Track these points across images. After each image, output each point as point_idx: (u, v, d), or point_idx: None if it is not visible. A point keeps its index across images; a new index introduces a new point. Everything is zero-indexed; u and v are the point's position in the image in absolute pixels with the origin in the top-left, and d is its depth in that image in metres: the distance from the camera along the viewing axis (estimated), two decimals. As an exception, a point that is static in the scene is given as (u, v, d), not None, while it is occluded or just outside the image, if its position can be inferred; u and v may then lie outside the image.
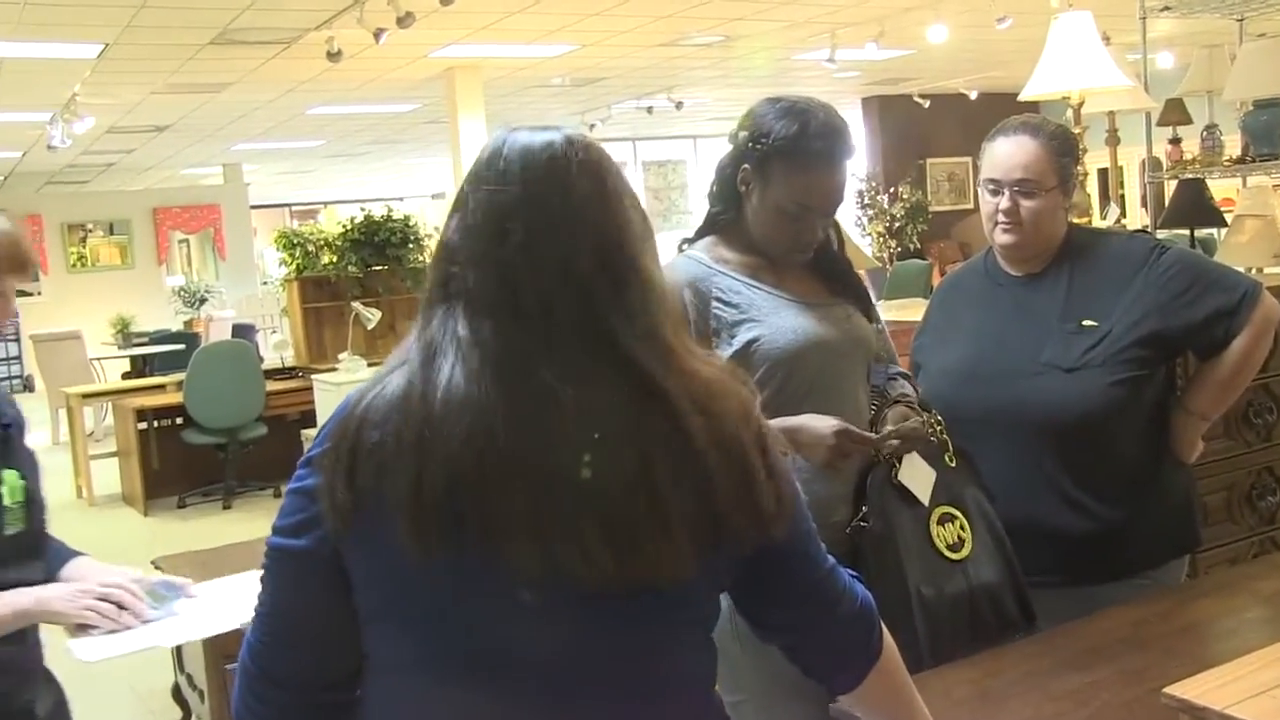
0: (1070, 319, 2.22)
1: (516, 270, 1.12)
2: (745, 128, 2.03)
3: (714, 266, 2.06)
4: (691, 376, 1.15)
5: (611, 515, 1.08)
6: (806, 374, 2.02)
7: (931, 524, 2.03)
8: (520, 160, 1.16)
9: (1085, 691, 1.73)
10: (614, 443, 1.09)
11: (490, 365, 1.10)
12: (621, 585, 1.10)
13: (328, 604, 1.16)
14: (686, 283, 2.02)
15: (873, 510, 2.01)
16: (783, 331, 2.01)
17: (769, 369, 1.99)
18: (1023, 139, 2.24)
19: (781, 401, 1.99)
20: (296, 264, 8.87)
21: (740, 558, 1.20)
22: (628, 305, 1.14)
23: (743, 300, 2.03)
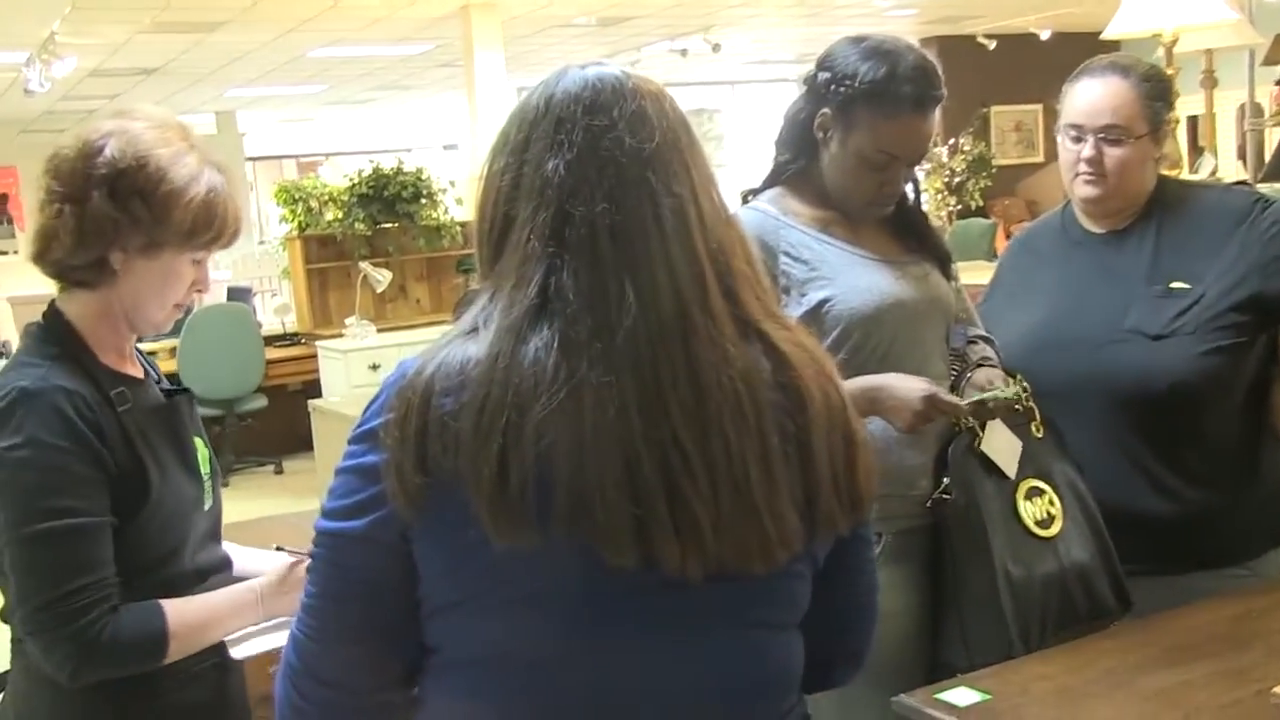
0: (1158, 280, 2.21)
1: (669, 217, 1.13)
2: (825, 69, 2.04)
3: (782, 219, 2.07)
4: (789, 342, 1.17)
5: (719, 496, 1.09)
6: (882, 336, 2.02)
7: (1018, 498, 2.04)
8: (650, 104, 1.17)
9: (1177, 692, 1.72)
10: (728, 416, 1.10)
11: (628, 330, 1.10)
12: (730, 569, 1.11)
13: (388, 595, 1.15)
14: (753, 236, 2.01)
15: (955, 481, 2.02)
16: (857, 291, 2.02)
17: (842, 331, 2.01)
18: (1111, 80, 2.21)
19: (856, 366, 2.00)
20: (298, 221, 8.90)
21: (836, 539, 1.22)
22: (744, 261, 1.18)
23: (813, 256, 2.04)
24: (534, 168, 1.15)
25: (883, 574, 1.99)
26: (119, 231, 1.68)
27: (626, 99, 1.16)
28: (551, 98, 1.17)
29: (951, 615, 2.02)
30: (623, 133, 1.14)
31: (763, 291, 1.19)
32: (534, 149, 1.15)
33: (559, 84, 1.18)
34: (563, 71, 1.19)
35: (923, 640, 2.06)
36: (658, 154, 1.15)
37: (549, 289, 1.11)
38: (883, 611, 2.00)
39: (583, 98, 1.16)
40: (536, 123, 1.17)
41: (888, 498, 2.03)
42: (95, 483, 1.63)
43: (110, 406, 1.68)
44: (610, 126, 1.14)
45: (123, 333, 1.78)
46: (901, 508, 2.05)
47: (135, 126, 1.71)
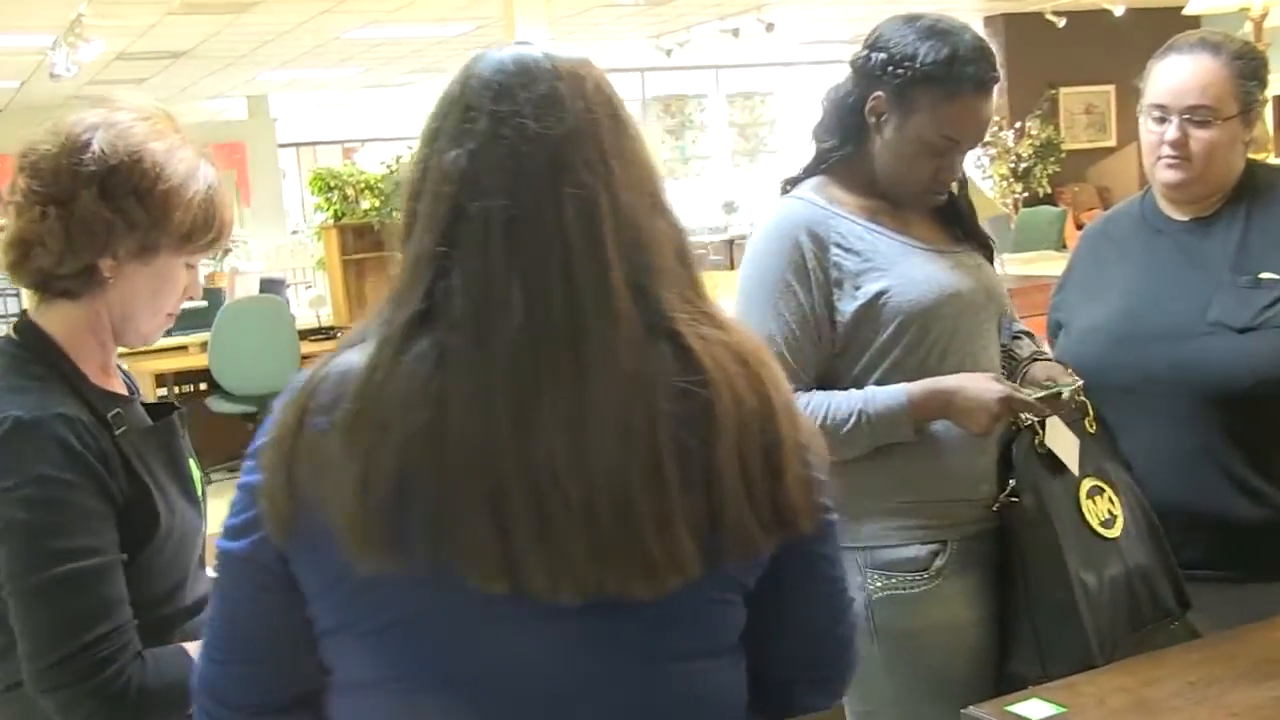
0: (1245, 271, 2.18)
1: (571, 209, 1.09)
2: (879, 49, 2.03)
3: (830, 209, 2.06)
4: (721, 344, 1.12)
5: (596, 516, 1.06)
6: (942, 329, 2.02)
7: (1082, 498, 2.03)
8: (566, 84, 1.13)
9: (1269, 708, 1.71)
10: (614, 429, 1.06)
11: (508, 335, 1.07)
12: (611, 594, 1.07)
13: (278, 616, 1.16)
14: (803, 227, 2.03)
15: (1023, 484, 2.01)
16: (914, 282, 2.01)
17: (900, 324, 2.00)
18: (1199, 57, 2.19)
19: (916, 361, 2.00)
20: (334, 209, 8.96)
21: (763, 557, 1.17)
22: (673, 257, 1.14)
23: (866, 247, 2.03)
24: (438, 160, 1.12)
25: (949, 585, 2.01)
26: (112, 235, 1.58)
27: (538, 81, 1.12)
28: (465, 83, 1.14)
29: (1025, 625, 2.01)
30: (527, 118, 1.10)
31: (694, 291, 1.15)
32: (441, 139, 1.13)
33: (474, 67, 1.15)
34: (482, 54, 1.16)
35: (992, 650, 2.05)
36: (567, 140, 1.11)
37: (435, 293, 1.09)
38: (951, 624, 2.01)
39: (492, 82, 1.13)
40: (448, 112, 1.14)
41: (951, 503, 2.04)
42: (105, 517, 1.56)
43: (108, 430, 1.60)
44: (515, 112, 1.10)
45: (109, 347, 1.69)
46: (966, 513, 2.04)
47: (123, 118, 1.61)
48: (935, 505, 2.03)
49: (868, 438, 1.99)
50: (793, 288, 2.00)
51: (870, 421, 1.97)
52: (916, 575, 2.02)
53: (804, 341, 2.00)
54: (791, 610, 1.23)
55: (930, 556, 2.02)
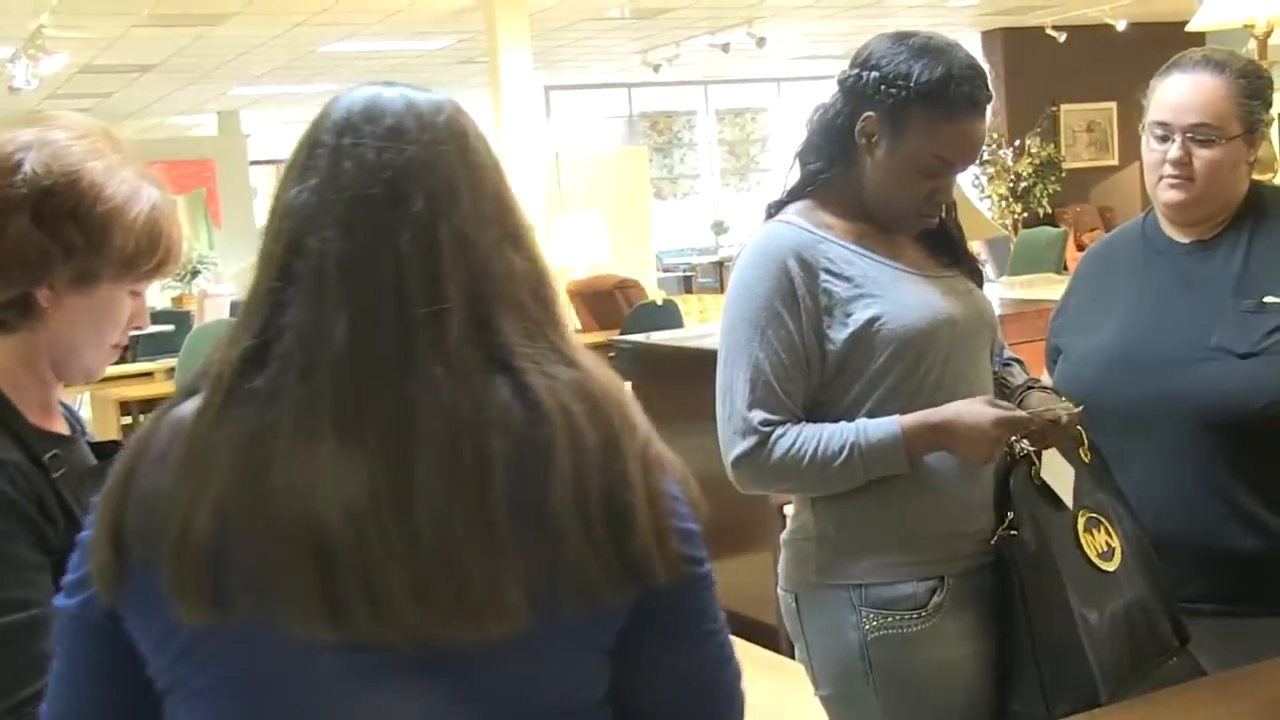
0: (1248, 295, 2.19)
1: (409, 245, 1.09)
2: (869, 68, 2.03)
3: (818, 233, 2.07)
4: (570, 383, 1.12)
5: (419, 558, 1.05)
6: (936, 357, 2.03)
7: (1079, 530, 2.04)
8: (413, 117, 1.14)
9: (1280, 750, 1.70)
10: (438, 469, 1.06)
11: (331, 370, 1.07)
12: (437, 640, 1.06)
13: (112, 676, 1.15)
14: (791, 252, 2.03)
15: (1021, 517, 2.01)
16: (908, 308, 2.02)
17: (894, 351, 2.01)
18: (1202, 75, 2.21)
19: (910, 389, 2.00)
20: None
21: (616, 608, 1.13)
22: (526, 294, 1.13)
23: (856, 272, 2.04)
24: (282, 197, 1.14)
25: (947, 623, 2.01)
26: (48, 262, 1.52)
27: (385, 115, 1.14)
28: (318, 121, 1.16)
29: (1027, 663, 2.00)
30: (367, 150, 1.12)
31: (550, 328, 1.15)
32: (288, 177, 1.14)
33: (329, 106, 1.17)
34: (341, 94, 1.18)
35: (992, 689, 2.05)
36: (408, 170, 1.12)
37: (269, 331, 1.10)
38: (950, 663, 2.01)
39: (340, 118, 1.15)
40: (298, 150, 1.16)
41: (948, 537, 2.04)
42: (39, 567, 1.50)
43: (44, 473, 1.54)
44: (356, 145, 1.12)
45: (49, 383, 1.62)
46: (963, 547, 2.04)
47: (58, 136, 1.55)
48: (931, 539, 2.03)
49: (861, 472, 1.99)
50: (781, 315, 2.01)
51: (863, 455, 1.98)
52: (914, 613, 2.01)
53: (793, 371, 2.01)
54: (659, 668, 1.20)
55: (928, 594, 2.01)
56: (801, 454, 1.98)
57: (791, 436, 1.99)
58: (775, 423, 2.00)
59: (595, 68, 15.18)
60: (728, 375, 2.05)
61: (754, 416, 2.00)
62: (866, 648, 2.02)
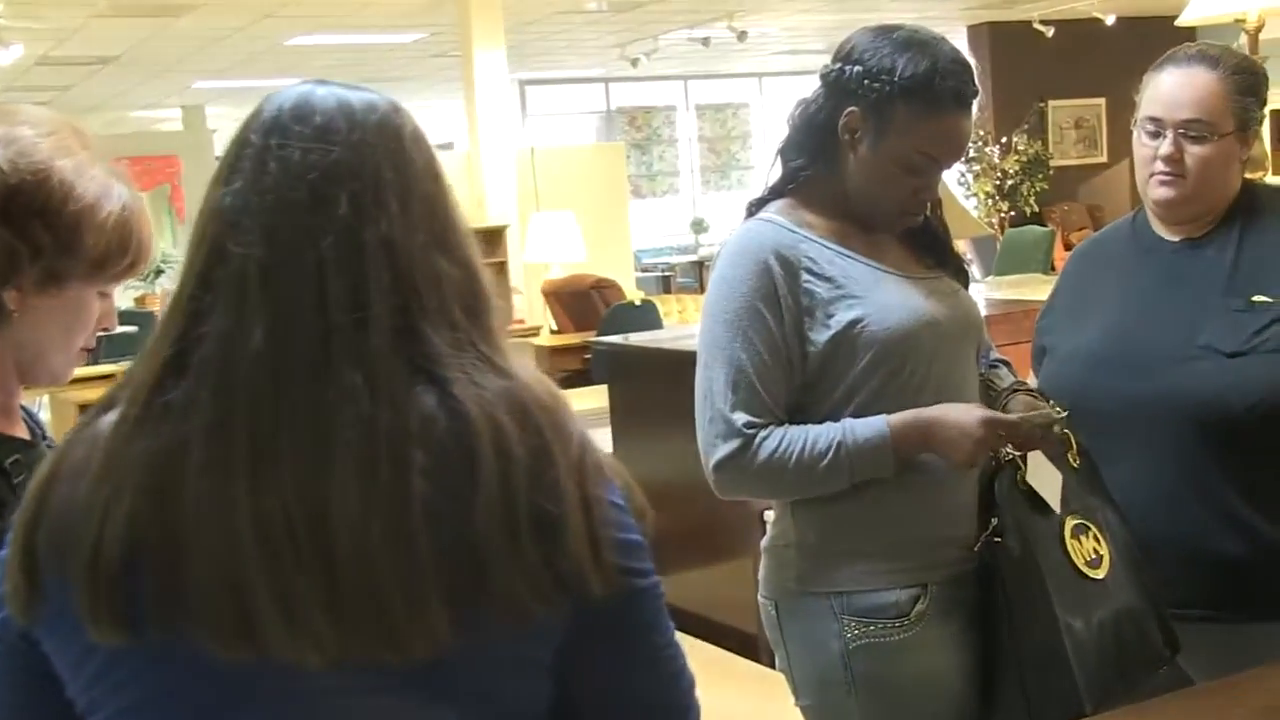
0: (1237, 294, 2.20)
1: (332, 250, 1.08)
2: (852, 62, 2.03)
3: (799, 232, 2.06)
4: (500, 392, 1.11)
5: (337, 574, 1.04)
6: (920, 360, 2.03)
7: (1066, 537, 2.04)
8: (343, 116, 1.13)
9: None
10: (355, 482, 1.05)
11: (247, 380, 1.06)
12: (357, 660, 1.05)
13: (30, 698, 1.14)
14: (771, 250, 2.03)
15: (1006, 523, 2.01)
16: (890, 309, 2.02)
17: (876, 354, 2.00)
18: (1196, 71, 2.22)
19: (893, 392, 2.00)
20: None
21: (549, 624, 1.12)
22: (455, 303, 1.12)
23: (838, 273, 2.04)
24: (208, 201, 1.13)
25: (931, 632, 2.01)
26: (15, 263, 1.49)
27: (315, 114, 1.13)
28: (248, 122, 1.15)
29: (1010, 674, 2.01)
30: (293, 151, 1.10)
31: (482, 337, 1.14)
32: (217, 178, 1.14)
33: (261, 105, 1.16)
34: (273, 93, 1.16)
35: (976, 698, 2.06)
36: (333, 171, 1.10)
37: (187, 341, 1.09)
38: (934, 672, 2.02)
39: (268, 118, 1.13)
40: (227, 152, 1.15)
41: (932, 544, 2.05)
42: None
43: (6, 479, 1.52)
44: (283, 145, 1.11)
45: (12, 388, 1.60)
46: (947, 554, 2.05)
47: (25, 133, 1.52)
48: (915, 546, 2.03)
49: (847, 473, 1.98)
50: (763, 315, 2.00)
51: (850, 454, 1.97)
52: (896, 622, 2.01)
53: (776, 371, 2.00)
54: (605, 686, 1.19)
55: (911, 601, 2.01)
56: (788, 455, 1.97)
57: (776, 438, 1.98)
58: (759, 425, 1.99)
59: (571, 62, 15.18)
60: (708, 377, 2.03)
61: (737, 419, 1.99)
62: (848, 657, 2.02)
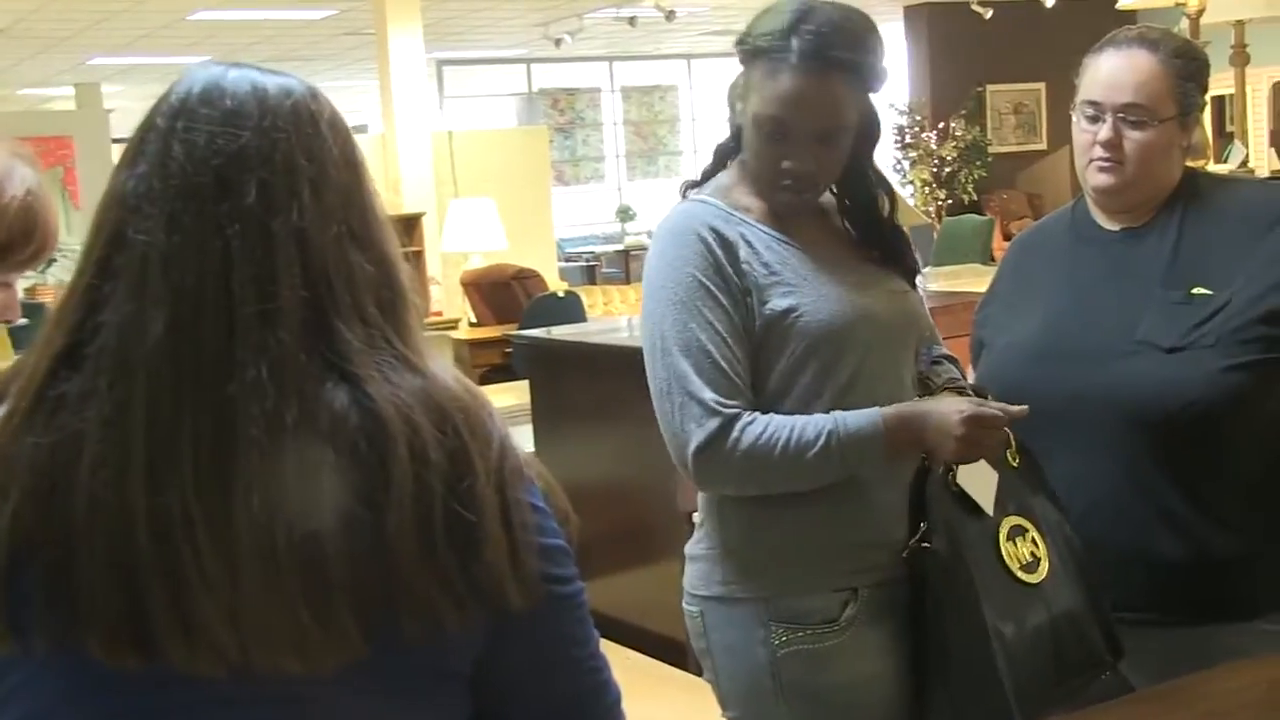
0: (1177, 285, 2.22)
1: (239, 239, 1.07)
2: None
3: (735, 214, 2.06)
4: (416, 392, 1.10)
5: (239, 579, 1.03)
6: (853, 355, 2.03)
7: (1001, 540, 2.05)
8: (255, 101, 1.12)
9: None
10: (260, 481, 1.04)
11: (146, 372, 1.05)
12: (260, 669, 1.04)
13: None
14: (708, 226, 2.02)
15: (935, 526, 2.02)
16: (826, 301, 2.02)
17: (809, 346, 2.01)
18: (1136, 54, 2.24)
19: (822, 387, 2.01)
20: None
21: (467, 633, 1.12)
22: (369, 298, 1.12)
23: (775, 258, 2.04)
24: (110, 185, 1.12)
25: (860, 637, 2.01)
26: None
27: (224, 98, 1.12)
28: (156, 105, 1.14)
29: (937, 681, 2.02)
30: (199, 135, 1.10)
31: (398, 334, 1.14)
32: (122, 162, 1.12)
33: (171, 86, 1.15)
34: (184, 74, 1.16)
35: (908, 706, 2.07)
36: (240, 158, 1.10)
37: (83, 330, 1.08)
38: (863, 679, 2.02)
39: (176, 100, 1.13)
40: (135, 132, 1.14)
41: (864, 547, 2.05)
42: None
43: None
44: (189, 129, 1.10)
45: None
46: (879, 558, 2.05)
47: None
48: (844, 549, 2.04)
49: (838, 463, 1.97)
50: (712, 291, 1.98)
51: (841, 443, 1.95)
52: (825, 627, 2.01)
53: (737, 348, 1.98)
54: (528, 697, 1.19)
55: (840, 606, 2.02)
56: (773, 443, 1.94)
57: (761, 424, 1.95)
58: (734, 406, 1.96)
59: (491, 41, 15.10)
60: (667, 365, 1.98)
61: (709, 398, 1.95)
62: (776, 665, 2.02)
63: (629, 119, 19.24)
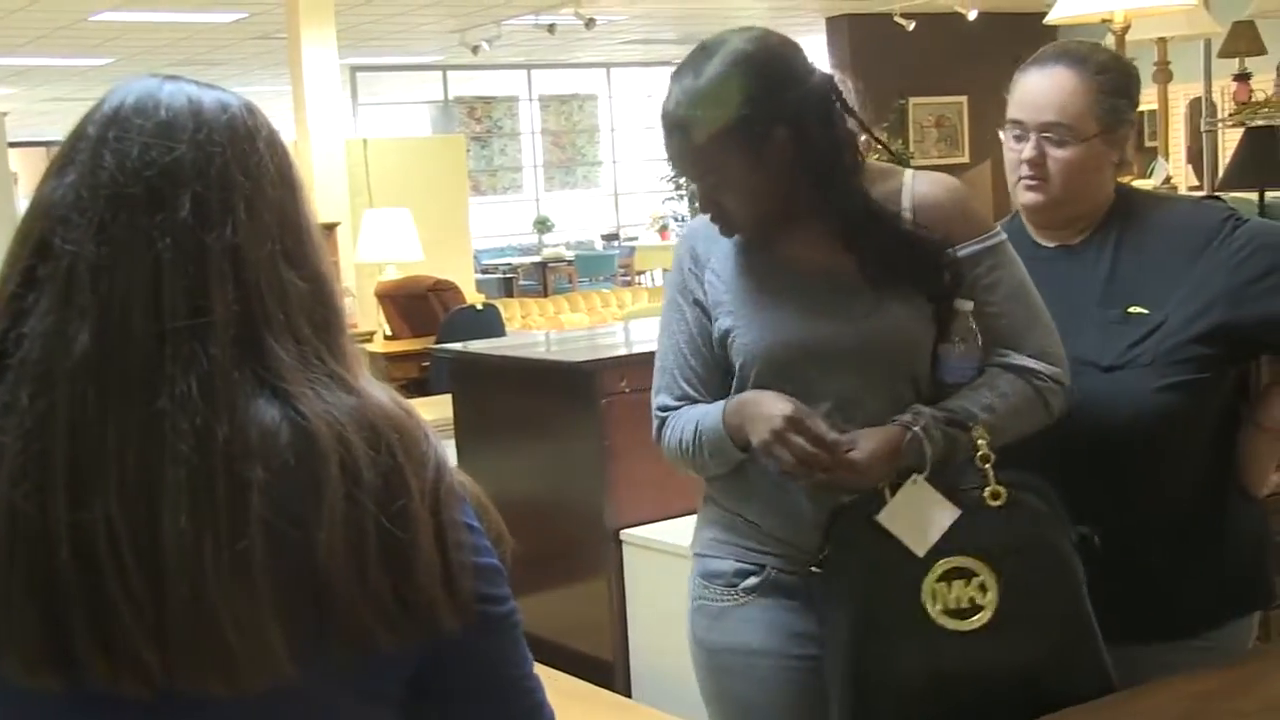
0: (1113, 304, 2.25)
1: (170, 252, 1.07)
2: None
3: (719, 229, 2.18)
4: (350, 411, 1.11)
5: (164, 598, 1.03)
6: (787, 380, 2.08)
7: (929, 580, 2.01)
8: (190, 115, 1.13)
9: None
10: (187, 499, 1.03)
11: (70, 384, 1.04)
12: (185, 692, 1.04)
13: None
14: (689, 244, 2.23)
15: (835, 550, 2.06)
16: (756, 327, 2.12)
17: (742, 367, 2.14)
18: (1058, 71, 2.27)
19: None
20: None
21: (398, 656, 1.12)
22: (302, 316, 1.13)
23: (731, 278, 2.17)
24: (37, 194, 1.13)
25: (754, 609, 2.16)
26: None
27: (159, 109, 1.13)
28: (89, 114, 1.15)
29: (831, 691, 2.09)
30: (131, 146, 1.10)
31: (330, 352, 1.14)
32: (49, 170, 1.13)
33: (108, 94, 1.16)
34: (118, 85, 1.16)
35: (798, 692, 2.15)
36: (173, 171, 1.10)
37: (5, 342, 1.08)
38: (747, 646, 2.16)
39: (109, 110, 1.14)
40: (65, 140, 1.14)
41: (777, 539, 2.15)
42: None
43: None
44: (121, 139, 1.11)
45: None
46: (789, 551, 2.14)
47: None
48: (761, 534, 2.16)
49: (709, 454, 2.14)
50: (680, 306, 2.21)
51: (702, 436, 2.13)
52: (723, 590, 2.21)
53: (693, 360, 2.19)
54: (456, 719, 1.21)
55: (743, 575, 2.19)
56: (674, 440, 2.18)
57: (672, 422, 2.19)
58: (673, 408, 2.19)
59: (407, 47, 15.04)
60: None
61: (655, 401, 2.23)
62: (691, 614, 2.28)
63: (547, 128, 19.23)
